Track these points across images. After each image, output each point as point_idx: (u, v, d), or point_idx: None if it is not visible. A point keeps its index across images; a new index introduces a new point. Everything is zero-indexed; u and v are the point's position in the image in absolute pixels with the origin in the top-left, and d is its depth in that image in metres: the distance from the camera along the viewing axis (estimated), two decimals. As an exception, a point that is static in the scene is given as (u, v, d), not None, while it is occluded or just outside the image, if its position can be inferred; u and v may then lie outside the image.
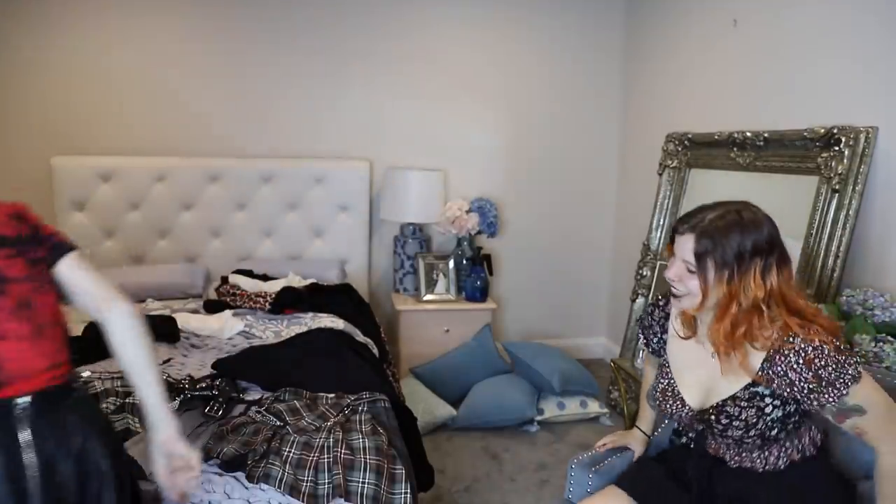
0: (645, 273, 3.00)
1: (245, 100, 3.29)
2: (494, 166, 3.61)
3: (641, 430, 1.68)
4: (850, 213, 1.98)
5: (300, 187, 3.32)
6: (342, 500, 1.46)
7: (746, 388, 1.30)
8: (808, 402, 1.25)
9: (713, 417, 1.35)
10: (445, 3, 3.42)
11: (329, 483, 1.48)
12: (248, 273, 3.04)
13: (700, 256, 1.25)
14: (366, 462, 1.53)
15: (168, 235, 3.25)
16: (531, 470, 2.54)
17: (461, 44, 3.47)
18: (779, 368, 1.25)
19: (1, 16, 3.03)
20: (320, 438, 1.62)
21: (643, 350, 1.68)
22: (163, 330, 2.37)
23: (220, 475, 1.51)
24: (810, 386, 1.23)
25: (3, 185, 3.17)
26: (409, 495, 1.52)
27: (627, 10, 3.55)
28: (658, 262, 2.87)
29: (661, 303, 1.54)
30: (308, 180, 3.32)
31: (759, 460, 1.35)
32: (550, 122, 3.61)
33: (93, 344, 2.22)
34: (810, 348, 1.22)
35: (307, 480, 1.49)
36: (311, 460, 1.54)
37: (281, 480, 1.48)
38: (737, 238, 1.24)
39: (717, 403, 1.35)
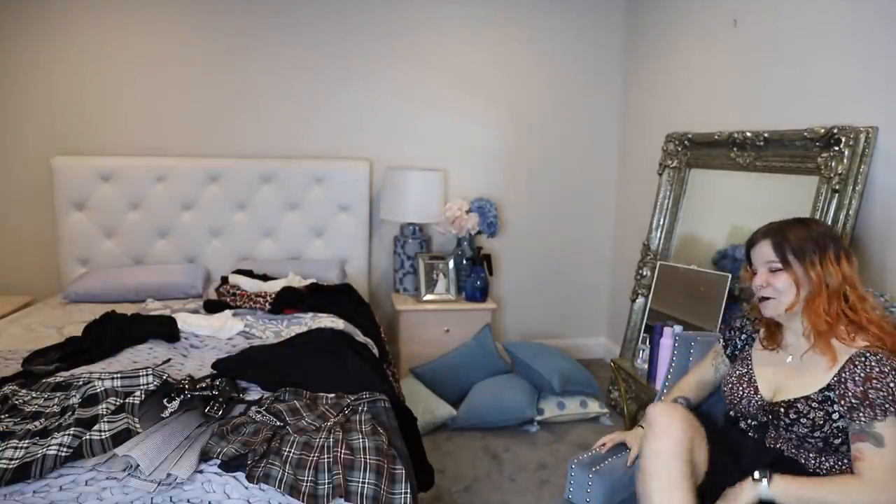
0: (645, 273, 3.00)
1: (245, 100, 3.29)
2: (494, 166, 3.61)
3: (641, 426, 1.67)
4: (850, 213, 1.98)
5: (300, 187, 3.32)
6: (342, 500, 1.46)
7: (821, 391, 1.35)
8: (845, 413, 1.29)
9: (782, 410, 1.39)
10: (446, 2, 3.42)
11: (329, 483, 1.48)
12: (248, 273, 3.04)
13: (780, 252, 1.40)
14: (366, 462, 1.53)
15: (168, 235, 3.25)
16: (531, 470, 2.54)
17: (462, 43, 3.47)
18: (845, 375, 1.31)
19: (1, 16, 3.03)
20: (320, 438, 1.62)
21: (717, 352, 1.70)
22: (163, 330, 2.37)
23: (220, 475, 1.51)
24: (853, 400, 1.28)
25: (3, 185, 3.17)
26: (409, 495, 1.52)
27: (627, 10, 3.55)
28: (658, 262, 2.87)
29: (752, 319, 1.61)
30: (308, 180, 3.32)
31: (812, 461, 1.38)
32: (550, 121, 3.61)
33: (93, 344, 2.23)
34: (876, 370, 1.27)
35: (307, 480, 1.49)
36: (311, 460, 1.53)
37: (281, 480, 1.48)
38: (804, 231, 1.41)
39: (790, 399, 1.39)
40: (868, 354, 1.30)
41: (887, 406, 1.24)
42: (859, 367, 1.30)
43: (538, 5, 3.50)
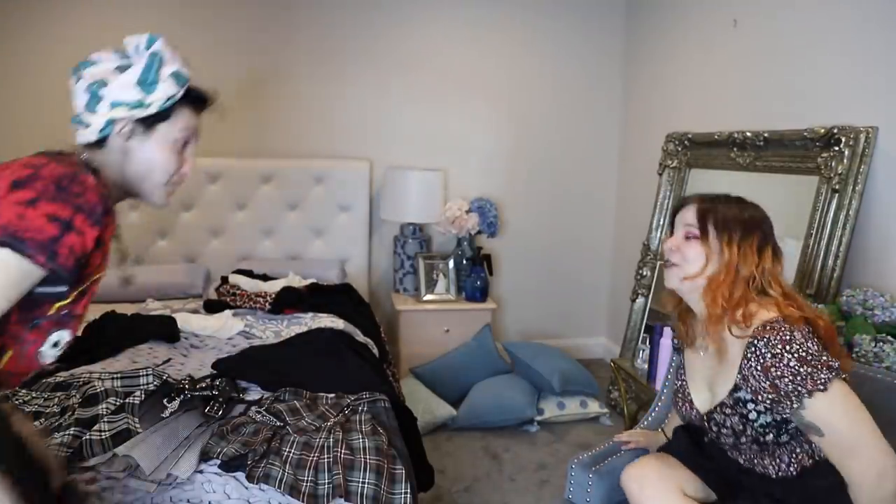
0: (645, 273, 3.00)
1: (245, 100, 3.29)
2: (494, 166, 3.61)
3: (665, 434, 1.64)
4: (850, 213, 1.98)
5: (300, 187, 3.32)
6: (342, 500, 1.46)
7: (731, 393, 1.28)
8: (774, 411, 1.22)
9: (706, 423, 1.35)
10: (447, 4, 3.42)
11: (329, 483, 1.48)
12: (248, 273, 3.04)
13: (703, 218, 1.32)
14: (366, 462, 1.53)
15: (168, 235, 3.25)
16: (531, 470, 2.54)
17: (462, 44, 3.47)
18: (745, 372, 1.23)
19: (1, 16, 3.03)
20: (320, 438, 1.62)
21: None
22: (163, 330, 2.37)
23: (220, 475, 1.51)
24: (770, 397, 1.20)
25: (3, 185, 3.17)
26: (409, 495, 1.52)
27: (628, 11, 3.56)
28: (658, 262, 2.87)
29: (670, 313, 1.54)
30: (308, 180, 3.32)
31: (770, 467, 1.31)
32: (551, 121, 3.61)
33: (93, 344, 2.23)
34: (769, 355, 1.19)
35: (307, 480, 1.49)
36: (311, 460, 1.54)
37: (281, 480, 1.48)
38: (736, 209, 1.33)
39: (708, 411, 1.34)
40: (756, 339, 1.21)
41: (798, 388, 1.15)
42: (753, 359, 1.21)
43: (539, 6, 3.50)
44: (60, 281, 0.96)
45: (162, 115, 1.09)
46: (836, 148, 2.00)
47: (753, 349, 1.21)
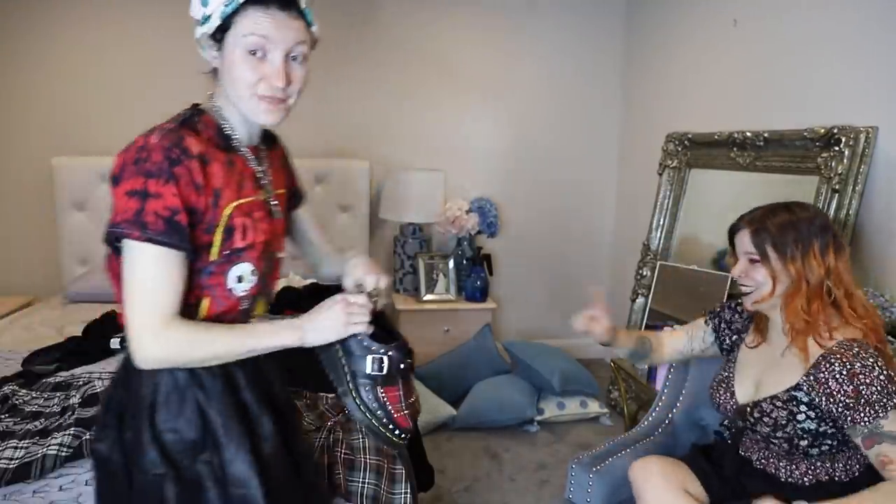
0: (645, 273, 3.00)
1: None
2: (494, 166, 3.60)
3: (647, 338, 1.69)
4: (850, 213, 1.98)
5: (300, 187, 3.31)
6: (342, 500, 1.46)
7: (788, 390, 1.31)
8: (843, 418, 1.23)
9: (748, 410, 1.38)
10: (447, 4, 3.42)
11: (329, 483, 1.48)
12: (248, 273, 3.03)
13: (759, 244, 1.33)
14: (366, 462, 1.53)
15: (168, 235, 3.25)
16: (531, 470, 2.54)
17: (462, 44, 3.46)
18: (822, 375, 1.25)
19: (1, 16, 3.03)
20: (320, 438, 1.62)
21: (697, 325, 1.65)
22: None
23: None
24: (848, 401, 1.21)
25: (3, 185, 3.17)
26: (409, 495, 1.52)
27: (628, 11, 3.55)
28: (658, 262, 2.87)
29: (741, 312, 1.57)
30: (308, 180, 3.32)
31: (783, 470, 1.35)
32: (551, 121, 3.61)
33: (93, 344, 2.23)
34: (858, 365, 1.21)
35: (307, 480, 1.48)
36: (311, 460, 1.53)
37: (281, 480, 1.48)
38: (788, 221, 1.32)
39: (757, 400, 1.37)
40: (843, 349, 1.24)
41: (885, 400, 1.19)
42: (837, 364, 1.23)
43: (539, 6, 3.50)
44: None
45: (224, 26, 1.00)
46: (836, 148, 2.00)
47: (842, 354, 1.24)
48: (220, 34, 1.01)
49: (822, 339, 1.28)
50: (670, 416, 1.81)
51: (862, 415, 1.20)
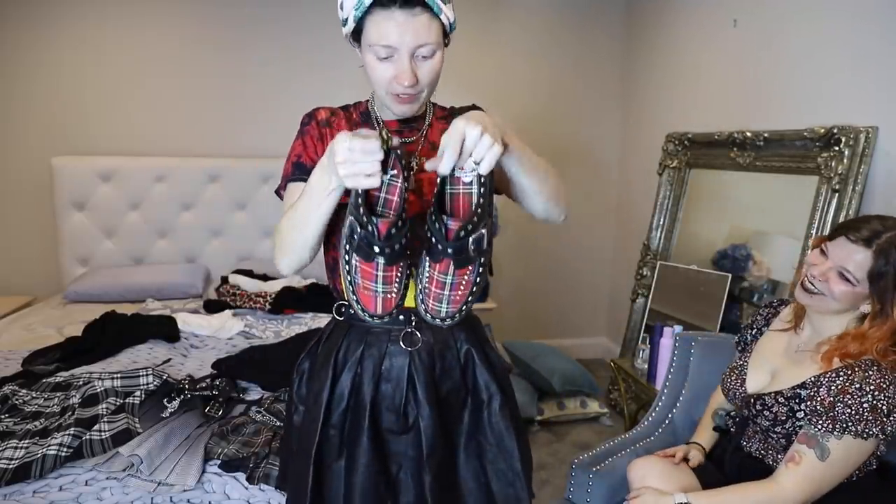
0: (645, 273, 3.00)
1: (245, 100, 3.29)
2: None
3: (702, 447, 1.59)
4: (850, 213, 1.98)
5: (300, 187, 3.31)
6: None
7: (794, 387, 1.31)
8: (806, 416, 1.25)
9: (752, 401, 1.38)
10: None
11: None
12: (248, 273, 3.04)
13: (875, 277, 1.24)
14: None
15: (168, 235, 3.25)
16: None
17: (460, 43, 3.45)
18: (823, 380, 1.25)
19: (1, 16, 3.03)
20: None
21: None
22: (163, 330, 2.37)
23: (220, 475, 1.51)
24: (819, 407, 1.22)
25: (3, 185, 3.17)
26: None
27: (628, 11, 3.55)
28: (658, 262, 2.87)
29: (776, 305, 1.56)
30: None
31: (780, 462, 1.34)
32: (550, 122, 3.61)
33: (93, 344, 2.23)
34: (856, 386, 1.20)
35: (307, 480, 1.48)
36: (311, 460, 1.53)
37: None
38: None
39: (762, 392, 1.37)
40: (856, 368, 1.22)
41: (849, 425, 1.18)
42: (841, 378, 1.22)
43: (538, 6, 3.50)
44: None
45: (358, 29, 1.05)
46: (836, 148, 2.00)
47: (851, 371, 1.22)
48: (357, 35, 1.06)
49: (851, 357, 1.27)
50: (670, 416, 1.81)
51: (820, 421, 1.21)
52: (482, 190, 0.94)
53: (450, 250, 0.92)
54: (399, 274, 0.97)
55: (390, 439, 1.12)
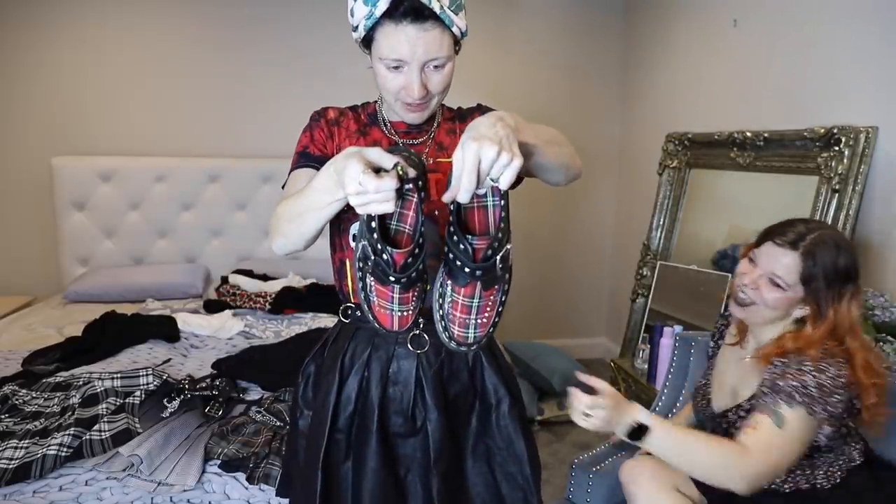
0: (645, 273, 3.00)
1: (244, 100, 3.29)
2: (494, 166, 3.60)
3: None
4: (850, 213, 1.98)
5: (300, 187, 3.31)
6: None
7: (750, 398, 1.30)
8: (757, 397, 1.24)
9: (717, 420, 1.36)
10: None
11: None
12: (248, 273, 3.04)
13: (806, 278, 1.23)
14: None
15: (168, 235, 3.25)
16: (531, 470, 2.54)
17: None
18: (766, 374, 1.25)
19: (1, 16, 3.03)
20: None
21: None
22: (163, 330, 2.37)
23: (220, 475, 1.51)
24: (763, 389, 1.23)
25: (3, 185, 3.17)
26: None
27: (627, 11, 3.55)
28: (658, 262, 2.87)
29: (727, 315, 1.54)
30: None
31: None
32: (550, 121, 3.58)
33: (93, 344, 2.23)
34: (794, 369, 1.20)
35: (307, 480, 1.48)
36: (311, 460, 1.53)
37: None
38: (834, 258, 1.23)
39: (726, 410, 1.35)
40: (792, 357, 1.22)
41: (794, 395, 1.17)
42: (780, 366, 1.23)
43: (538, 6, 3.50)
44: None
45: (368, 37, 1.03)
46: (836, 148, 2.00)
47: (787, 360, 1.22)
48: (367, 42, 1.05)
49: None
50: (670, 416, 1.81)
51: (767, 397, 1.21)
52: (503, 202, 0.88)
53: (478, 272, 0.85)
54: (416, 294, 0.94)
55: (398, 443, 1.11)
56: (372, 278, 0.91)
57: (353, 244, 1.03)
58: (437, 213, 1.10)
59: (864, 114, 2.01)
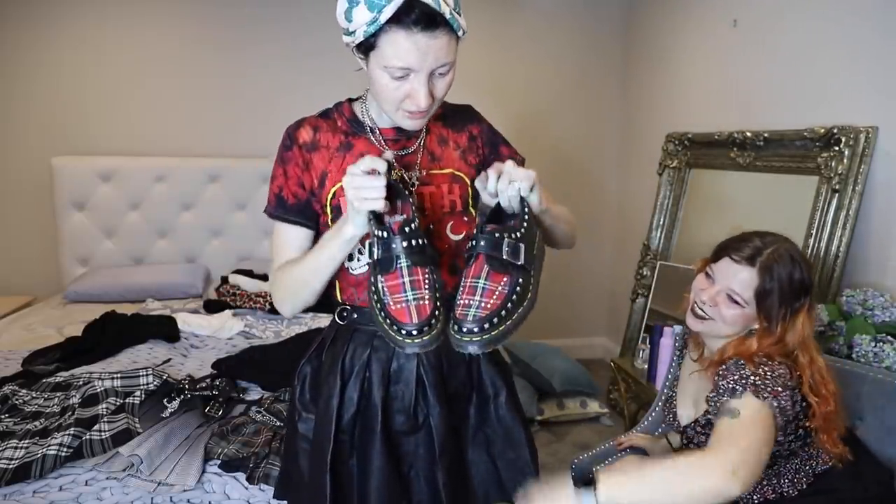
0: (645, 273, 3.00)
1: (244, 100, 3.29)
2: (494, 166, 3.60)
3: (669, 442, 1.61)
4: (850, 213, 1.98)
5: (300, 187, 3.31)
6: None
7: (705, 413, 1.27)
8: (710, 407, 1.22)
9: (679, 436, 1.36)
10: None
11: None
12: (248, 273, 3.04)
13: (762, 296, 1.22)
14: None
15: (168, 235, 3.25)
16: (531, 470, 2.54)
17: (460, 42, 3.46)
18: (714, 386, 1.22)
19: (1, 16, 3.03)
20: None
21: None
22: (163, 330, 2.37)
23: (220, 475, 1.51)
24: (709, 395, 1.21)
25: (3, 185, 3.17)
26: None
27: (628, 10, 3.55)
28: (658, 262, 2.87)
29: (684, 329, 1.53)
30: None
31: None
32: (550, 121, 3.61)
33: (93, 344, 2.23)
34: (731, 366, 1.19)
35: (307, 480, 1.48)
36: (311, 460, 1.53)
37: (281, 480, 1.48)
38: (789, 272, 1.22)
39: (685, 425, 1.34)
40: (742, 363, 1.20)
41: (736, 387, 1.15)
42: (721, 371, 1.21)
43: (538, 6, 3.50)
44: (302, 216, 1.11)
45: (367, 44, 0.96)
46: (836, 148, 2.00)
47: (732, 367, 1.20)
48: (365, 48, 0.99)
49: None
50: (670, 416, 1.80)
51: (714, 402, 1.19)
52: (524, 205, 0.98)
53: (482, 242, 0.92)
54: (427, 278, 0.93)
55: (401, 440, 1.12)
56: (382, 277, 0.93)
57: (351, 268, 1.11)
58: (431, 227, 1.10)
59: (864, 114, 2.01)
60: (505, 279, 0.94)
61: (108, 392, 1.77)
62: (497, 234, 0.92)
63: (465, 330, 0.91)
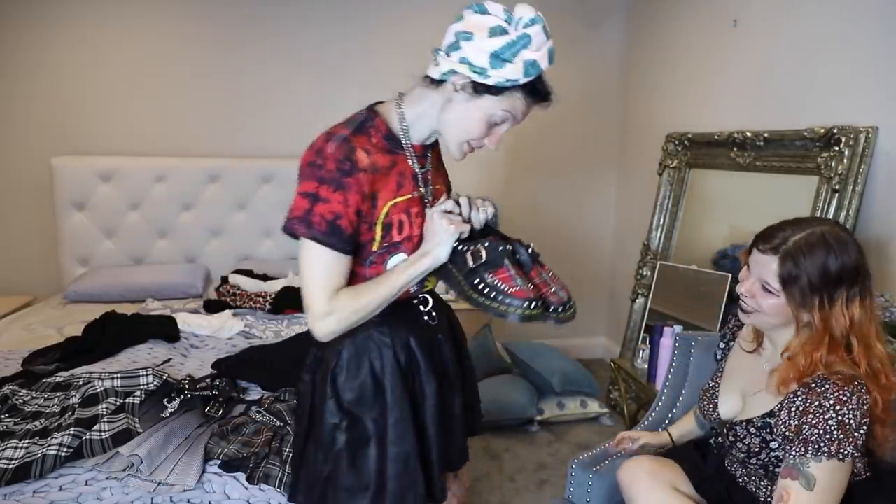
0: (645, 273, 3.00)
1: (245, 99, 3.29)
2: (494, 166, 3.60)
3: (670, 436, 1.63)
4: (850, 213, 1.98)
5: (300, 187, 3.31)
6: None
7: (763, 416, 1.27)
8: (780, 446, 1.21)
9: (725, 431, 1.35)
10: (445, 2, 3.42)
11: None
12: (248, 273, 3.04)
13: (786, 282, 1.19)
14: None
15: (168, 235, 3.25)
16: (531, 470, 2.54)
17: (461, 44, 3.46)
18: (786, 402, 1.21)
19: (1, 16, 3.03)
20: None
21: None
22: (163, 330, 2.37)
23: (220, 475, 1.51)
24: (787, 433, 1.19)
25: (3, 185, 3.17)
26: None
27: (628, 10, 3.55)
28: (658, 262, 2.87)
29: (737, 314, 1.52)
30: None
31: (763, 489, 1.32)
32: (550, 121, 3.59)
33: (93, 344, 2.23)
34: (816, 404, 1.15)
35: (307, 480, 1.48)
36: (311, 460, 1.53)
37: (281, 481, 1.48)
38: (825, 267, 1.17)
39: (734, 421, 1.34)
40: (813, 385, 1.17)
41: (822, 445, 1.12)
42: (800, 398, 1.18)
43: (538, 6, 3.49)
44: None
45: (493, 90, 1.09)
46: (836, 148, 2.00)
47: (808, 389, 1.18)
48: (481, 88, 1.11)
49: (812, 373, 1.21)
50: (670, 415, 1.81)
51: (794, 448, 1.16)
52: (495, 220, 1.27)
53: (518, 253, 1.23)
54: (516, 268, 1.19)
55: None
56: (490, 274, 1.14)
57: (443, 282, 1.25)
58: None
59: (864, 114, 2.01)
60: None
61: (108, 392, 1.77)
62: (509, 246, 1.18)
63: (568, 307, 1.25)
